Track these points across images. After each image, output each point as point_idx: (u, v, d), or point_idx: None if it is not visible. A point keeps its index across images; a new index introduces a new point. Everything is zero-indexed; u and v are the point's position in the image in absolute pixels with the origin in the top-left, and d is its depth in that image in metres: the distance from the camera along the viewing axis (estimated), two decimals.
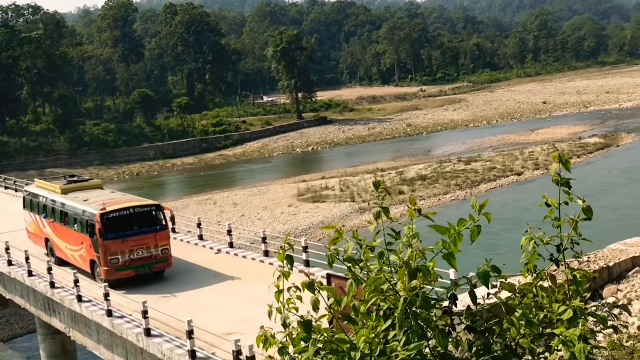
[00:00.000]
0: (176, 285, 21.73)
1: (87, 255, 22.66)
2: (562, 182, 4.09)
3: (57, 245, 25.23)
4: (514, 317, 3.97)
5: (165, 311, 18.38)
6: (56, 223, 24.93)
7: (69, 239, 24.07)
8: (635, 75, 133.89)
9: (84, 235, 22.56)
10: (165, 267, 22.64)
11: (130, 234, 21.87)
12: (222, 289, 21.13)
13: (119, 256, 21.66)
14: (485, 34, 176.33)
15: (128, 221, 22.05)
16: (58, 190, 25.60)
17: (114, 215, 21.83)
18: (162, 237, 22.41)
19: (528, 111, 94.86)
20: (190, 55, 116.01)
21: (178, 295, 20.91)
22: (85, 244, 22.60)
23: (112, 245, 21.63)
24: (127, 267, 21.74)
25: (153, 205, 23.18)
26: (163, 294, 20.98)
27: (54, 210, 25.12)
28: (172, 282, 22.22)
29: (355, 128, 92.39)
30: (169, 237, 22.99)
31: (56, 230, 25.07)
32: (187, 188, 63.48)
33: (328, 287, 4.08)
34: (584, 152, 58.47)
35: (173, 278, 22.58)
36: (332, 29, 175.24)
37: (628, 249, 15.30)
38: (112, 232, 21.66)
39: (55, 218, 25.02)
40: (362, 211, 44.00)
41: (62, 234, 24.67)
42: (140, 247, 21.91)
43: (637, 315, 6.29)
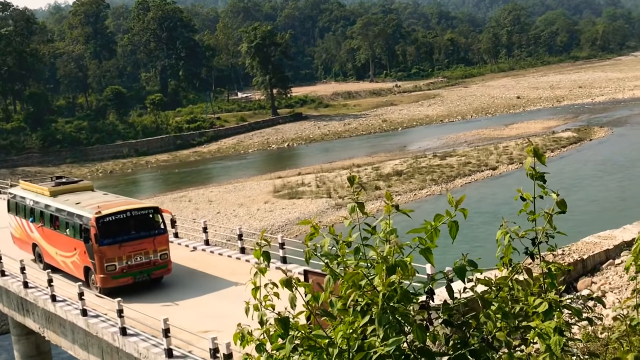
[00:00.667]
0: (151, 284, 21.52)
1: (81, 262, 21.42)
2: (536, 176, 4.12)
3: (46, 251, 23.90)
4: (490, 311, 3.99)
5: (141, 310, 18.25)
6: (45, 228, 23.60)
7: (60, 245, 22.79)
8: (607, 69, 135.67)
9: (78, 241, 21.34)
10: (165, 274, 21.48)
11: (128, 239, 20.65)
12: (198, 287, 21.02)
13: (116, 263, 20.46)
14: (459, 30, 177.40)
15: (125, 225, 20.84)
16: (46, 193, 24.14)
17: (110, 219, 20.57)
18: (161, 241, 21.19)
19: (502, 106, 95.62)
20: (163, 52, 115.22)
21: (153, 293, 20.76)
22: (79, 250, 21.38)
23: (109, 251, 20.41)
24: (124, 274, 20.55)
25: (151, 207, 22.09)
26: (138, 293, 20.81)
27: (43, 214, 23.76)
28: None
29: (330, 124, 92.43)
30: (168, 242, 21.83)
31: (45, 235, 23.76)
32: (162, 185, 63.07)
33: (305, 283, 4.07)
34: (557, 147, 59.11)
35: None
36: (306, 24, 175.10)
37: (602, 241, 15.48)
38: (108, 237, 20.42)
39: (44, 222, 23.67)
40: (338, 207, 44.07)
41: (52, 239, 23.37)
42: (138, 252, 20.73)
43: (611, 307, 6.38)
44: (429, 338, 3.81)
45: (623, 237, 15.58)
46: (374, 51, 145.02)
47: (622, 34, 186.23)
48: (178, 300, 20.01)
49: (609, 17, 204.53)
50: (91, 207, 21.33)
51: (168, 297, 20.38)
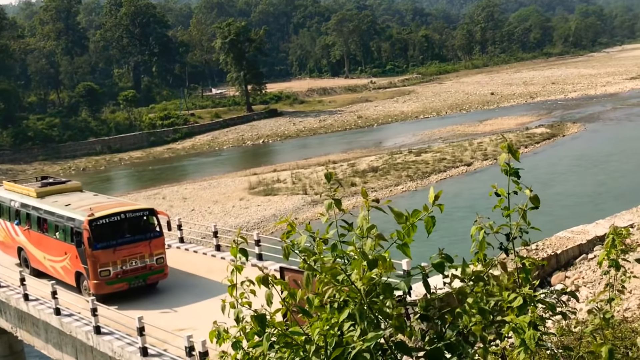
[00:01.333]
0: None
1: (72, 267, 20.47)
2: (511, 172, 4.15)
3: (33, 255, 22.86)
4: (466, 305, 4.01)
5: (114, 308, 18.12)
6: (32, 231, 22.59)
7: (49, 249, 21.78)
8: (579, 66, 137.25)
9: (69, 245, 20.37)
10: (161, 279, 20.63)
11: (122, 243, 19.80)
12: (173, 285, 20.91)
13: (110, 268, 19.55)
14: (434, 26, 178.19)
15: (119, 228, 19.94)
16: (33, 194, 23.01)
17: (103, 221, 19.64)
18: (157, 245, 20.37)
19: (476, 102, 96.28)
20: (136, 48, 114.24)
21: (127, 292, 20.59)
22: (70, 254, 20.41)
23: (103, 255, 19.46)
24: (119, 279, 19.68)
25: (146, 209, 21.24)
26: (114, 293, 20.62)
27: (29, 216, 22.72)
28: None
29: (306, 120, 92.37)
30: (165, 245, 21.01)
31: (32, 238, 22.73)
32: (136, 183, 62.59)
33: (282, 280, 4.06)
34: (531, 143, 59.67)
35: None
36: (280, 20, 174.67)
37: (575, 236, 15.68)
38: (102, 241, 19.49)
39: (30, 225, 22.64)
40: (314, 203, 44.08)
41: (39, 243, 22.35)
42: (133, 256, 19.85)
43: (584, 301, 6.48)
44: (405, 333, 3.83)
45: (596, 232, 15.79)
46: (348, 47, 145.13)
47: (594, 30, 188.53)
48: (153, 298, 19.89)
49: (582, 13, 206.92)
50: (83, 209, 20.45)
51: (142, 295, 20.23)
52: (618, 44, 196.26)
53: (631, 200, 24.81)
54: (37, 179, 25.76)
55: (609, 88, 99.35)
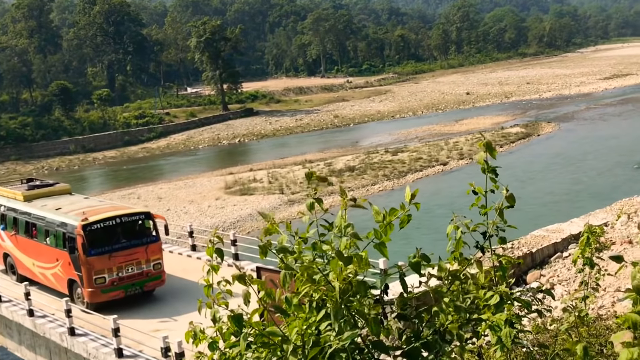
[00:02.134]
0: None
1: (65, 274, 19.65)
2: (489, 170, 4.17)
3: (20, 261, 22.00)
4: (442, 304, 4.03)
5: (88, 310, 17.96)
6: (19, 236, 21.76)
7: (38, 255, 20.92)
8: (554, 66, 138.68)
9: (61, 251, 19.56)
10: (159, 285, 19.93)
11: (118, 248, 19.03)
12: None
13: (106, 275, 18.77)
14: (410, 26, 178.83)
15: (114, 233, 19.18)
16: (20, 198, 22.18)
17: (98, 226, 18.85)
18: (154, 250, 19.68)
19: (452, 102, 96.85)
20: (110, 46, 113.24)
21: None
22: (62, 261, 19.57)
23: (98, 262, 18.69)
24: (115, 287, 18.93)
25: (142, 213, 20.41)
26: None
27: (16, 221, 21.86)
28: None
29: (282, 119, 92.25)
30: (162, 251, 20.38)
31: (20, 244, 21.89)
32: (110, 182, 62.05)
33: (258, 280, 4.04)
34: (506, 142, 60.17)
35: None
36: (256, 19, 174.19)
37: (550, 235, 15.84)
38: (97, 247, 18.72)
39: (18, 230, 21.83)
40: (291, 203, 44.03)
41: (28, 249, 21.53)
42: (129, 263, 19.12)
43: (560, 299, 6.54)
44: (382, 332, 3.82)
45: (570, 230, 15.96)
46: (325, 47, 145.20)
47: (568, 30, 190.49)
48: (128, 299, 19.72)
49: (556, 14, 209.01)
50: (75, 213, 19.66)
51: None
52: (592, 45, 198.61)
53: (608, 198, 25.14)
54: (23, 182, 24.80)
55: (583, 88, 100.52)
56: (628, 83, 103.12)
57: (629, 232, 14.45)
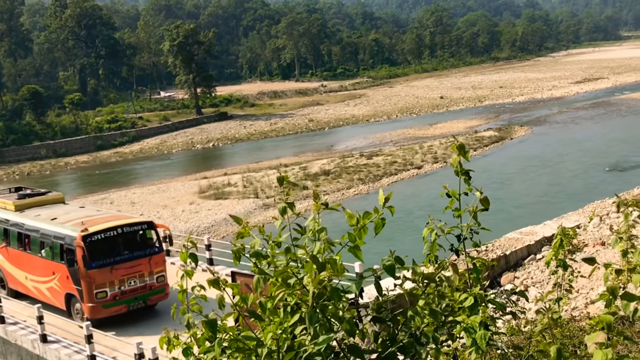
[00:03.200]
0: None
1: (62, 288, 18.69)
2: (462, 173, 4.18)
3: (11, 275, 21.00)
4: (417, 307, 4.03)
5: (62, 316, 17.75)
6: (10, 248, 20.77)
7: (32, 268, 19.92)
8: (526, 70, 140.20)
9: (58, 264, 18.60)
10: (163, 299, 18.93)
11: (120, 260, 18.11)
12: None
13: (107, 289, 17.86)
14: (383, 30, 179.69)
15: (116, 244, 18.25)
16: (10, 207, 21.15)
17: (98, 237, 17.90)
18: (158, 261, 18.77)
19: (426, 106, 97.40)
20: (82, 50, 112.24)
21: None
22: (60, 274, 18.59)
23: (99, 275, 17.74)
24: (117, 301, 18.00)
25: (144, 222, 19.47)
26: None
27: (7, 232, 20.88)
28: None
29: (257, 123, 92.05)
30: (165, 262, 19.36)
31: (11, 257, 20.89)
32: (82, 187, 61.39)
33: (233, 284, 4.01)
34: (480, 145, 60.61)
35: None
36: (230, 23, 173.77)
37: (523, 237, 15.98)
38: (98, 259, 17.75)
39: (9, 242, 20.83)
40: (266, 207, 43.93)
41: (20, 261, 20.50)
42: (132, 275, 18.25)
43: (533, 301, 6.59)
44: (358, 336, 3.82)
45: (543, 232, 16.13)
46: (299, 50, 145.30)
47: (540, 35, 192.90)
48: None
49: (528, 18, 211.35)
50: (73, 224, 18.72)
51: None
52: (564, 49, 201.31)
53: (581, 200, 25.44)
54: (11, 190, 23.67)
55: (555, 92, 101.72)
56: (599, 87, 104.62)
57: (602, 233, 14.64)
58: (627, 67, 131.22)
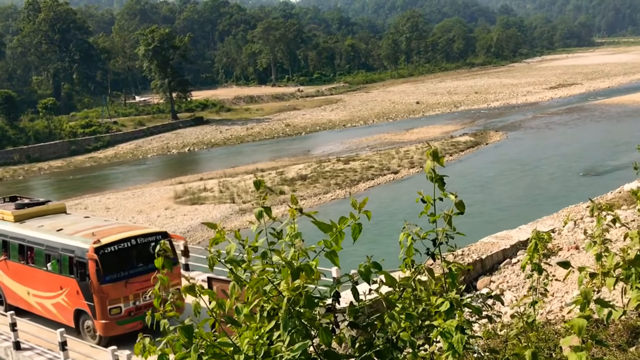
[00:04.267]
0: None
1: (71, 304, 17.71)
2: (436, 179, 4.20)
3: (11, 290, 19.98)
4: (394, 312, 4.04)
5: (40, 325, 17.53)
6: (10, 261, 19.72)
7: (36, 283, 18.86)
8: (501, 76, 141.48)
9: (66, 278, 17.57)
10: (179, 314, 17.97)
11: (135, 274, 17.11)
12: None
13: (122, 304, 16.91)
14: (360, 36, 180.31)
15: (130, 256, 17.25)
16: (9, 218, 20.07)
17: (112, 249, 16.95)
18: (174, 275, 16.85)
19: (402, 111, 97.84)
20: (56, 54, 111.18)
21: None
22: (68, 289, 17.58)
23: (113, 289, 16.79)
24: (132, 318, 16.96)
25: (159, 233, 18.50)
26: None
27: (6, 244, 19.86)
28: None
29: (233, 128, 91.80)
30: (181, 276, 18.63)
31: (10, 271, 19.80)
32: (56, 193, 60.69)
33: (209, 290, 3.99)
34: (456, 151, 60.98)
35: None
36: (205, 27, 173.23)
37: (499, 241, 16.09)
38: (112, 273, 16.80)
39: (8, 255, 19.77)
40: (242, 212, 43.77)
41: (21, 276, 19.43)
42: (147, 290, 17.06)
43: (509, 304, 6.65)
44: (335, 341, 3.81)
45: (519, 236, 16.24)
46: (275, 55, 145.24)
47: (515, 41, 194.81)
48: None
49: (503, 24, 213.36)
50: (82, 235, 17.73)
51: None
52: (538, 55, 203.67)
53: (556, 204, 25.65)
54: (5, 199, 22.55)
55: (529, 97, 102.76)
56: (573, 92, 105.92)
57: (576, 237, 14.78)
58: (600, 73, 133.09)
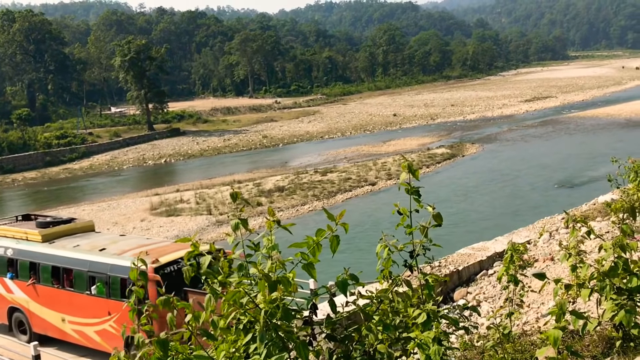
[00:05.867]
0: None
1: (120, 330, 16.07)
2: (411, 191, 4.21)
3: (39, 317, 18.40)
4: (371, 324, 4.02)
5: (8, 336, 17.22)
6: (40, 285, 18.21)
7: (74, 309, 17.47)
8: (477, 88, 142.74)
9: (117, 302, 16.23)
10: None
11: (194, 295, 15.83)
12: None
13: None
14: (337, 48, 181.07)
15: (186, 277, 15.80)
16: (36, 238, 18.47)
17: (171, 268, 15.87)
18: None
19: (380, 123, 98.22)
20: (30, 65, 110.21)
21: None
22: (118, 314, 16.32)
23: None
24: None
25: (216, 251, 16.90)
26: None
27: (35, 267, 18.32)
28: None
29: (210, 139, 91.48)
30: None
31: (40, 296, 18.23)
32: (30, 205, 59.93)
33: (185, 303, 3.95)
34: (432, 162, 61.28)
35: None
36: (182, 39, 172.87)
37: (475, 253, 16.18)
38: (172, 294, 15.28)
39: (37, 278, 18.27)
40: (219, 224, 43.55)
41: (55, 301, 17.96)
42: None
43: (486, 316, 6.66)
44: (312, 353, 3.79)
45: (495, 248, 16.35)
46: (252, 67, 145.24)
47: (490, 54, 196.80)
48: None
49: (478, 38, 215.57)
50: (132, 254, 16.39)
51: None
52: (513, 68, 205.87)
53: (532, 216, 25.86)
54: (18, 218, 21.06)
55: (505, 110, 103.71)
56: (548, 105, 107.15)
57: (551, 249, 14.91)
58: (575, 86, 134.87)
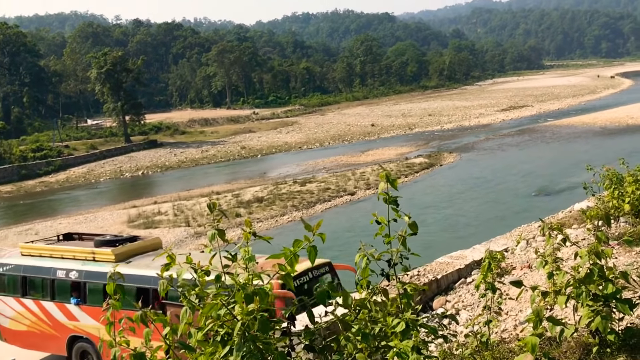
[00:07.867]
0: None
1: None
2: (390, 200, 4.22)
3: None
4: (350, 333, 4.02)
5: None
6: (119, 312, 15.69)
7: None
8: (454, 98, 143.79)
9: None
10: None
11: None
12: None
13: None
14: (314, 59, 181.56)
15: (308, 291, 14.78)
16: (108, 257, 16.75)
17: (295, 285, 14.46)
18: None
19: (358, 133, 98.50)
20: (5, 78, 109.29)
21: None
22: None
23: None
24: None
25: (325, 264, 16.07)
26: None
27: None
28: None
29: (187, 151, 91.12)
30: None
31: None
32: (5, 219, 59.22)
33: (162, 316, 3.92)
34: (411, 172, 61.52)
35: None
36: (159, 50, 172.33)
37: (454, 261, 16.24)
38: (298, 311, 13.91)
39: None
40: (198, 235, 43.30)
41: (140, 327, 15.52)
42: None
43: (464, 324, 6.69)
44: None
45: (473, 256, 16.42)
46: (230, 78, 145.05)
47: (467, 64, 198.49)
48: None
49: (455, 48, 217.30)
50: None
51: None
52: (489, 78, 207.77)
53: (509, 223, 26.01)
54: (60, 238, 19.16)
55: (482, 119, 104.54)
56: (524, 114, 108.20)
57: (528, 257, 15.00)
58: (550, 95, 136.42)
